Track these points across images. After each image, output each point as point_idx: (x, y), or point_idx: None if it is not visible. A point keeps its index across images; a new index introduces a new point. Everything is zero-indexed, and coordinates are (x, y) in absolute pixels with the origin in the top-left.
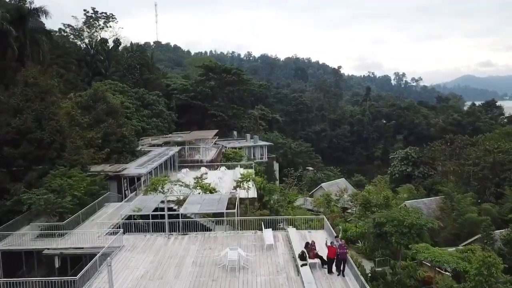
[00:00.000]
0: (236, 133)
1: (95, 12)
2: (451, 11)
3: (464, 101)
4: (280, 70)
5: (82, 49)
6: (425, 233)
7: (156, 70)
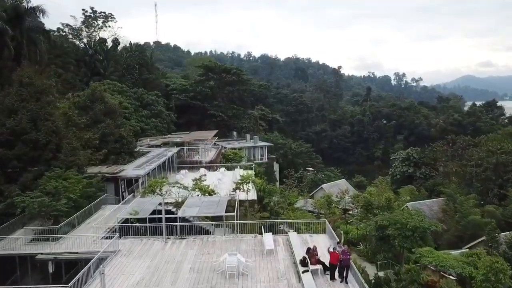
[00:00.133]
0: (236, 133)
1: (94, 12)
2: (451, 11)
3: (465, 102)
4: (280, 70)
5: (81, 49)
6: (428, 236)
7: (156, 70)
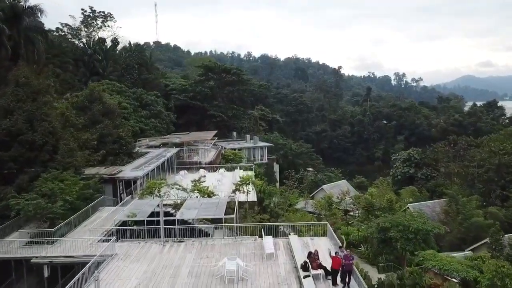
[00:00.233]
0: (235, 134)
1: (93, 11)
2: (451, 11)
3: (465, 102)
4: (280, 70)
5: (80, 49)
6: (431, 238)
7: (155, 70)
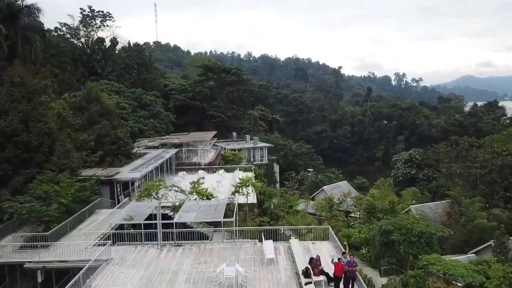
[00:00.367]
0: (235, 134)
1: (92, 11)
2: (451, 11)
3: (465, 102)
4: (280, 70)
5: (78, 49)
6: (435, 242)
7: (155, 70)
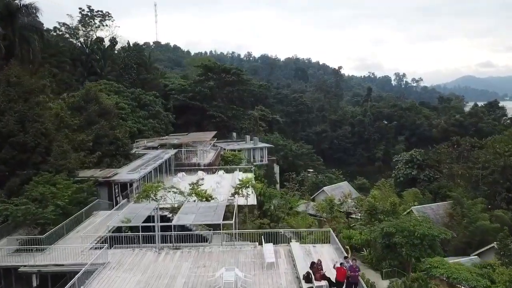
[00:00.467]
0: (235, 134)
1: (91, 11)
2: (451, 11)
3: (465, 102)
4: (280, 70)
5: (77, 48)
6: (437, 244)
7: (154, 70)
